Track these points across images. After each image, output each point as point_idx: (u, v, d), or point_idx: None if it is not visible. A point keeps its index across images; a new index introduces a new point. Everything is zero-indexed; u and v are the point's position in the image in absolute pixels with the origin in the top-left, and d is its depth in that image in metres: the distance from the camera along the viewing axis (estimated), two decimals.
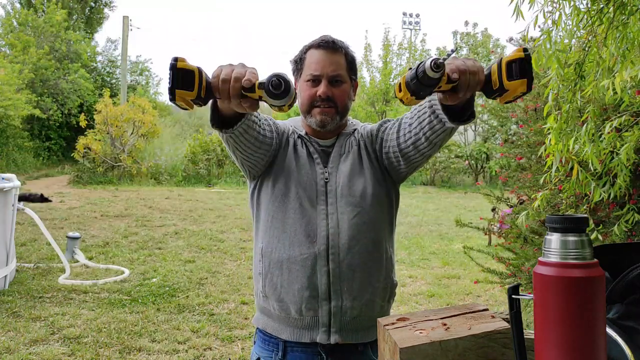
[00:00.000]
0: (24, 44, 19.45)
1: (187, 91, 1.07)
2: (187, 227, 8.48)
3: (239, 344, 3.88)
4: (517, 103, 3.86)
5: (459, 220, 3.99)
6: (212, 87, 1.10)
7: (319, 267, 1.46)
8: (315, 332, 1.48)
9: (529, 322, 3.09)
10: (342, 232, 1.47)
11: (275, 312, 1.52)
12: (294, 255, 1.47)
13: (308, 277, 1.46)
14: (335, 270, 1.46)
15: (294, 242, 1.48)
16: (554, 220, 0.76)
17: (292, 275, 1.47)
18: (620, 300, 0.92)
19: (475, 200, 12.98)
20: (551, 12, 1.77)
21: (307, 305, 1.46)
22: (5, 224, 4.95)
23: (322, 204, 1.49)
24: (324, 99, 1.48)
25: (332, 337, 1.47)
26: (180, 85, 1.07)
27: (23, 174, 15.32)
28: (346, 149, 1.56)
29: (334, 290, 1.46)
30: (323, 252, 1.46)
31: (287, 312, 1.49)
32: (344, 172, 1.52)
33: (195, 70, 1.08)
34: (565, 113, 1.89)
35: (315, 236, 1.47)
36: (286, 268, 1.48)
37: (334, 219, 1.48)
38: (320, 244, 1.46)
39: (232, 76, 1.08)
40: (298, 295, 1.46)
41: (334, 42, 1.51)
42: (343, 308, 1.47)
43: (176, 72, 1.07)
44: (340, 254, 1.46)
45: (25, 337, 3.81)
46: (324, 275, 1.46)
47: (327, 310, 1.46)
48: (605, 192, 2.05)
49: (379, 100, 19.50)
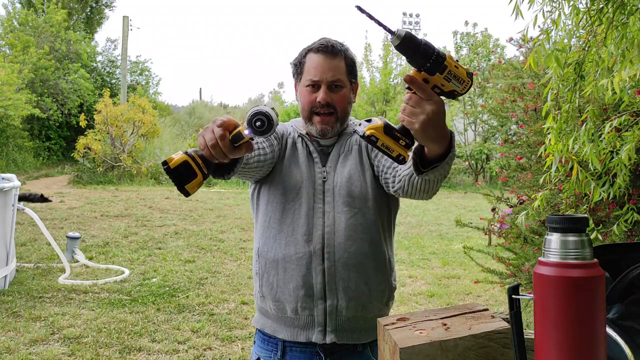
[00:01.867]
0: (24, 44, 19.44)
1: (194, 180, 1.10)
2: (187, 227, 8.48)
3: (239, 344, 3.88)
4: (517, 103, 3.86)
5: (459, 220, 3.99)
6: (207, 157, 1.11)
7: (314, 266, 1.46)
8: (311, 331, 1.48)
9: (529, 322, 3.09)
10: (338, 231, 1.47)
11: (272, 311, 1.52)
12: (289, 255, 1.47)
13: (303, 276, 1.46)
14: (331, 269, 1.46)
15: (289, 242, 1.48)
16: (554, 220, 0.76)
17: (288, 275, 1.47)
18: (620, 300, 0.92)
19: (475, 200, 12.97)
20: (550, 12, 1.77)
21: (302, 304, 1.47)
22: (5, 224, 4.95)
23: (319, 202, 1.49)
24: (323, 105, 1.49)
25: (328, 337, 1.47)
26: (185, 180, 1.10)
27: (23, 174, 15.31)
28: (346, 149, 1.56)
29: (329, 289, 1.46)
30: (318, 251, 1.46)
31: (284, 312, 1.49)
32: (342, 172, 1.52)
33: (186, 158, 1.10)
34: (565, 113, 1.89)
35: (311, 235, 1.47)
36: (282, 267, 1.48)
37: (331, 218, 1.48)
38: (316, 242, 1.46)
39: (216, 139, 1.06)
40: (293, 294, 1.47)
41: (333, 47, 1.50)
42: (338, 308, 1.47)
43: (173, 173, 1.09)
44: (335, 253, 1.46)
45: (25, 337, 3.81)
46: (319, 274, 1.46)
47: (323, 310, 1.46)
48: (605, 192, 2.05)
49: (379, 100, 19.50)
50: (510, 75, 3.93)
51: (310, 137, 1.57)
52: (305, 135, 1.56)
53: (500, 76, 4.30)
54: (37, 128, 19.99)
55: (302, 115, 1.54)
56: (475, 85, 18.47)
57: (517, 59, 5.22)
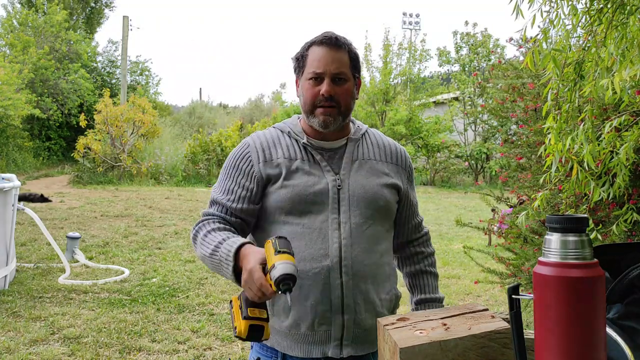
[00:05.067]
0: (24, 44, 19.44)
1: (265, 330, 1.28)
2: (187, 227, 8.47)
3: (239, 344, 3.88)
4: (517, 103, 3.86)
5: (459, 220, 3.99)
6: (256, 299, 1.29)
7: (332, 280, 1.40)
8: (327, 346, 1.43)
9: (529, 322, 3.09)
10: (355, 243, 1.42)
11: (283, 329, 1.46)
12: (304, 270, 1.40)
13: (321, 292, 1.40)
14: (349, 282, 1.41)
15: (304, 257, 1.41)
16: (554, 220, 0.76)
17: (304, 292, 1.41)
18: (620, 300, 0.92)
19: (475, 200, 12.96)
20: (548, 12, 1.77)
21: (320, 320, 1.41)
22: (5, 224, 4.95)
23: (334, 212, 1.43)
24: (326, 97, 1.43)
25: (345, 351, 1.42)
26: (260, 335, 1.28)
27: (23, 174, 15.31)
28: (359, 157, 1.51)
29: (347, 303, 1.41)
30: (336, 265, 1.40)
31: (297, 329, 1.43)
32: (358, 180, 1.47)
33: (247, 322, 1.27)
34: (565, 113, 1.89)
35: (327, 248, 1.41)
36: (297, 284, 1.42)
37: (347, 229, 1.42)
38: (333, 256, 1.40)
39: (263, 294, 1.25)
40: (311, 311, 1.41)
41: (337, 39, 1.46)
42: (356, 321, 1.42)
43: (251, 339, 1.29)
44: (353, 265, 1.41)
45: (25, 337, 3.81)
46: (337, 289, 1.40)
47: (340, 324, 1.41)
48: (605, 191, 2.05)
49: (379, 100, 19.48)
50: (510, 75, 3.93)
51: (312, 143, 1.49)
52: (308, 143, 1.49)
53: (500, 76, 4.30)
54: (37, 128, 20.00)
55: (304, 109, 1.49)
56: (475, 85, 18.48)
57: (517, 59, 5.21)
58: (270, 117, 23.35)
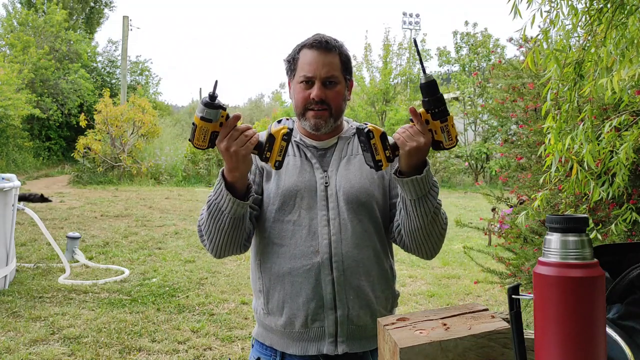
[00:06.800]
0: (24, 44, 19.45)
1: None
2: (187, 227, 8.47)
3: (239, 344, 3.88)
4: (517, 103, 3.86)
5: (459, 220, 3.99)
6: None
7: (323, 277, 1.42)
8: (321, 343, 1.44)
9: (529, 322, 3.09)
10: (345, 239, 1.44)
11: (278, 328, 1.47)
12: (295, 268, 1.43)
13: (313, 288, 1.42)
14: (340, 278, 1.42)
15: (295, 254, 1.43)
16: (554, 220, 0.75)
17: (295, 288, 1.43)
18: (620, 300, 0.92)
19: (475, 200, 12.97)
20: (548, 12, 1.77)
21: (313, 316, 1.42)
22: (5, 224, 4.95)
23: (323, 209, 1.45)
24: (317, 101, 1.44)
25: (340, 347, 1.43)
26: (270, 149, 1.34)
27: (23, 174, 15.32)
28: (348, 153, 1.52)
29: (339, 298, 1.42)
30: (326, 261, 1.42)
31: (292, 327, 1.45)
32: (345, 176, 1.48)
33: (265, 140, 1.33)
34: (564, 112, 1.89)
35: (317, 245, 1.43)
36: (288, 281, 1.44)
37: (336, 225, 1.44)
38: (323, 252, 1.42)
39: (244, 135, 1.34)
40: (303, 307, 1.42)
41: (327, 42, 1.46)
42: (349, 316, 1.43)
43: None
44: (344, 261, 1.42)
45: (25, 337, 3.81)
46: (328, 285, 1.42)
47: (334, 320, 1.42)
48: (605, 191, 2.05)
49: (379, 100, 19.50)
50: (510, 75, 3.93)
51: (305, 142, 1.52)
52: (300, 141, 1.52)
53: (500, 76, 4.29)
54: (37, 128, 20.01)
55: (296, 112, 1.50)
56: (475, 85, 18.49)
57: (517, 59, 5.21)
58: (270, 117, 23.38)
